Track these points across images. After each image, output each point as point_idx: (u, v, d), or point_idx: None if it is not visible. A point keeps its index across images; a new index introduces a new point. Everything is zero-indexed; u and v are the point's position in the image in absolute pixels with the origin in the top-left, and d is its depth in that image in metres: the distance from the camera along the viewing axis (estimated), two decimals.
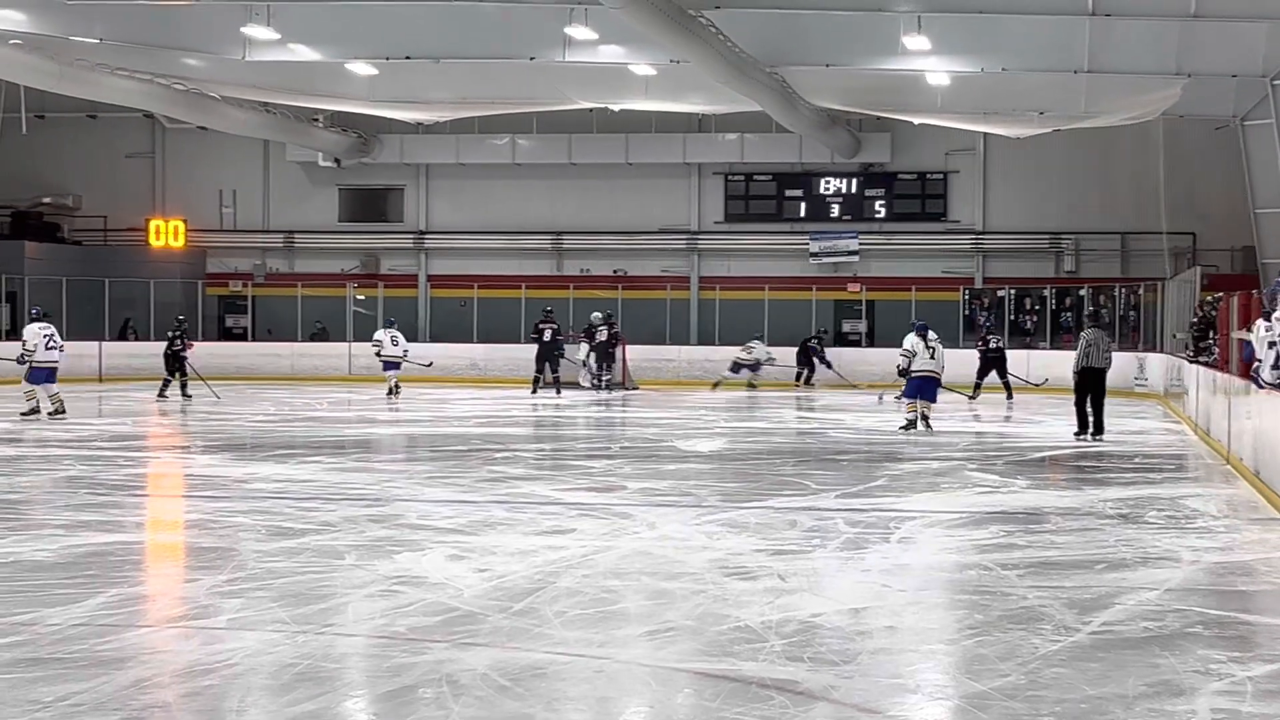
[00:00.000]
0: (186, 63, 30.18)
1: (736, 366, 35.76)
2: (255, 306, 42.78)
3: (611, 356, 34.54)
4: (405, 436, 22.59)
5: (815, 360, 36.63)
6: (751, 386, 35.39)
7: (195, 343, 33.02)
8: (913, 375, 22.44)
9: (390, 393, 31.95)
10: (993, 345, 32.11)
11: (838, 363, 36.28)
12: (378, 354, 32.85)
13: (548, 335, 32.76)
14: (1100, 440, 20.75)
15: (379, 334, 33.38)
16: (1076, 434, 21.18)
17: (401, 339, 33.02)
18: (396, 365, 32.55)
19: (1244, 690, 6.94)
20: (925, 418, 22.43)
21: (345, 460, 18.28)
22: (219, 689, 6.88)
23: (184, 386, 30.53)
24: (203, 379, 30.62)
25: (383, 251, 43.07)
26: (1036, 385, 32.72)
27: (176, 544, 12.04)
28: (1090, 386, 21.23)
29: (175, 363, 30.60)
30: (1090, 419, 21.22)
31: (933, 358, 22.36)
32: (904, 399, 23.02)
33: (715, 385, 35.59)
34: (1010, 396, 31.42)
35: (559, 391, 31.95)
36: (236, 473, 16.48)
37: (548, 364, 32.63)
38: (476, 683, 6.93)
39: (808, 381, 36.46)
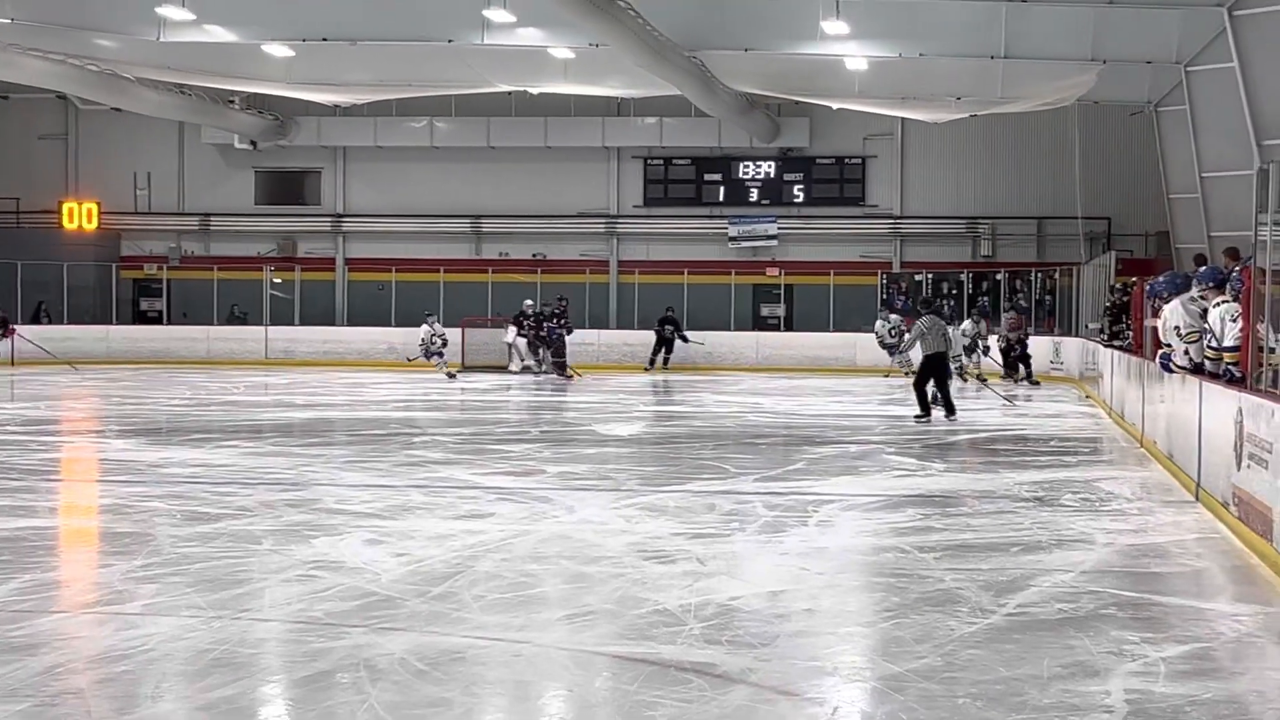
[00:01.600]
0: (100, 43, 29.82)
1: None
2: (170, 290, 42.40)
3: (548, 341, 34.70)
4: (322, 421, 22.47)
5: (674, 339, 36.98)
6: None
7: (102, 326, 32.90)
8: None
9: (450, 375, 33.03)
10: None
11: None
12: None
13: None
14: (954, 420, 20.91)
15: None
16: (918, 417, 21.24)
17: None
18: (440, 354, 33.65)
19: (1157, 671, 7.01)
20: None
21: (262, 445, 18.15)
22: (134, 675, 6.82)
23: None
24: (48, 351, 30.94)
25: (300, 234, 42.78)
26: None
27: (91, 529, 11.93)
28: (932, 371, 21.42)
29: None
30: (936, 402, 21.41)
31: (892, 335, 25.96)
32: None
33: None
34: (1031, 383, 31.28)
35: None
36: (152, 457, 16.35)
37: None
38: (394, 667, 6.90)
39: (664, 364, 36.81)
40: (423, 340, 33.44)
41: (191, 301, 41.79)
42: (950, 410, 21.35)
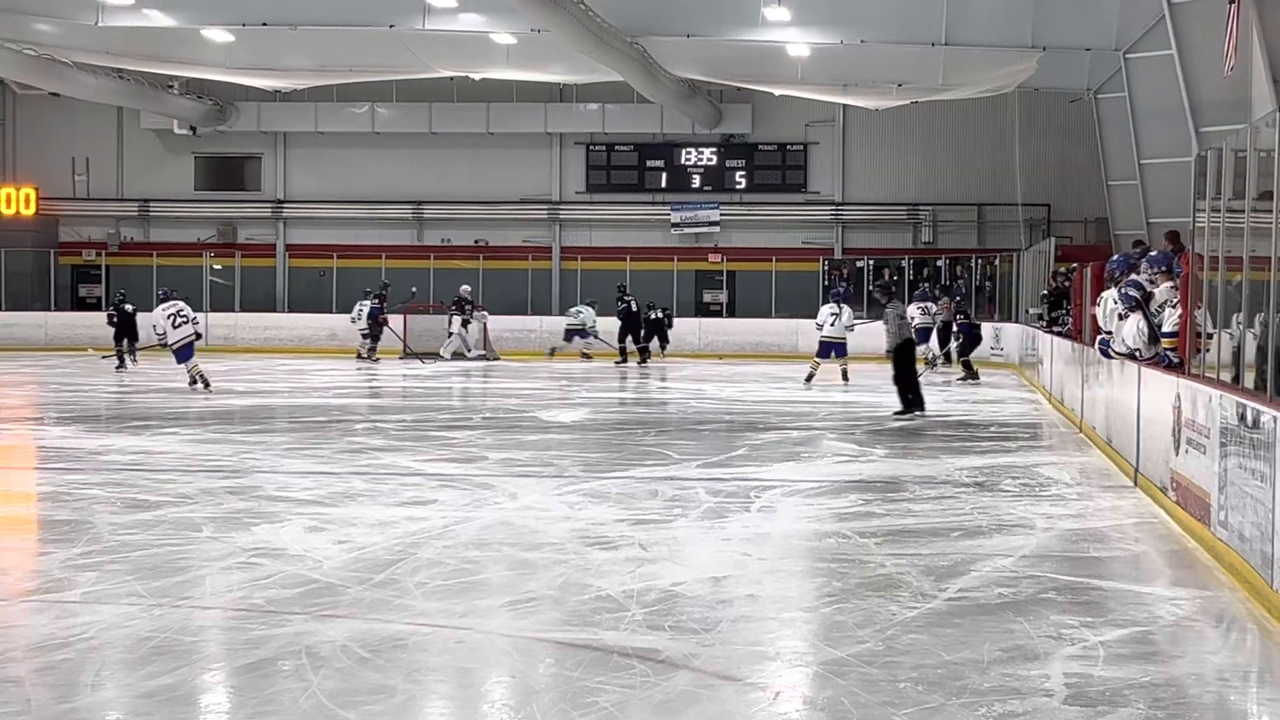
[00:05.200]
0: (37, 28, 29.57)
1: (569, 334, 35.63)
2: (109, 276, 42.03)
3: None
4: (263, 408, 22.37)
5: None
6: (585, 357, 35.29)
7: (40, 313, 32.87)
8: (824, 340, 26.63)
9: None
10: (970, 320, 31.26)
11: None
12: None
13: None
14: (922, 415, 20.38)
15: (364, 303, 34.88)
16: (901, 414, 20.66)
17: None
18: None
19: (1096, 655, 7.06)
20: (843, 372, 26.72)
21: (202, 432, 18.04)
22: (74, 663, 6.79)
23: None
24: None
25: (240, 221, 42.55)
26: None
27: (29, 517, 11.85)
28: (902, 361, 20.78)
29: None
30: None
31: (832, 325, 26.29)
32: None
33: (551, 352, 35.56)
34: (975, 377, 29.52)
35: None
36: (91, 444, 16.25)
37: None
38: (337, 654, 6.89)
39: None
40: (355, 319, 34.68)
41: (131, 288, 41.40)
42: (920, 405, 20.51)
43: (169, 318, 24.06)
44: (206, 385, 23.59)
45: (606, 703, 6.21)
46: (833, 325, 26.46)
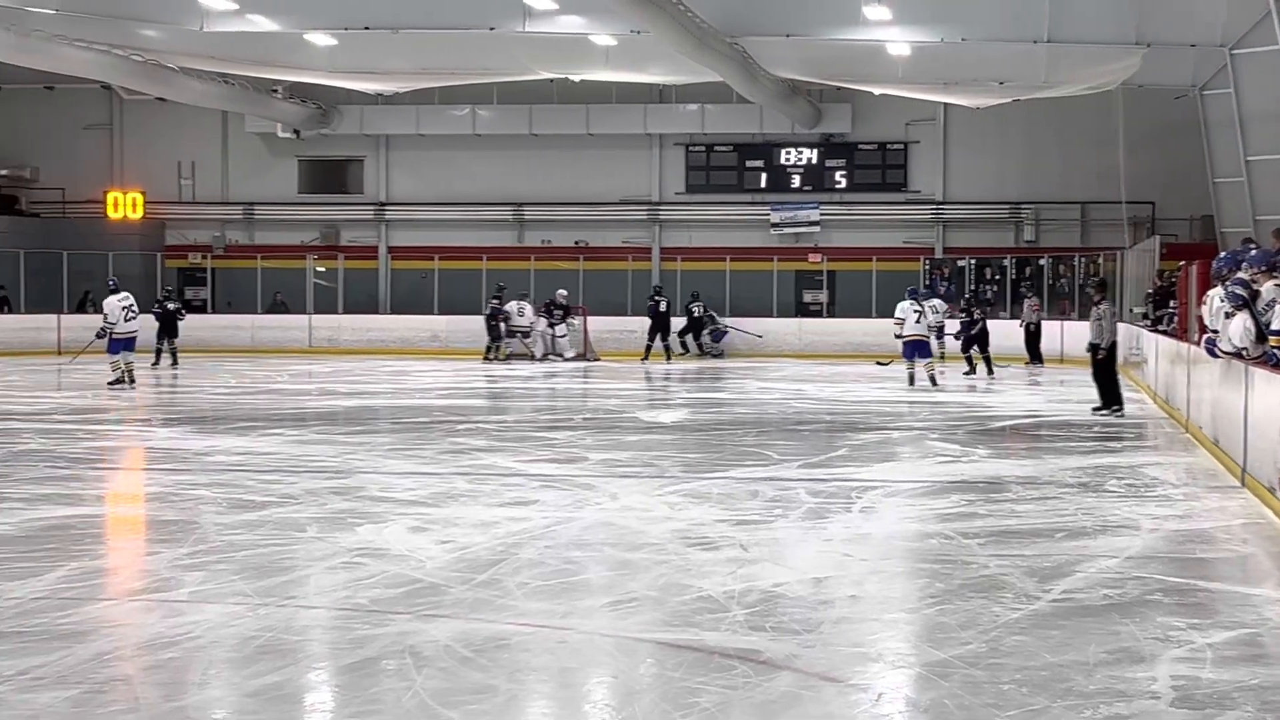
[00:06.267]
0: (144, 33, 29.96)
1: (510, 332, 36.00)
2: (215, 278, 42.56)
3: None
4: (366, 409, 22.53)
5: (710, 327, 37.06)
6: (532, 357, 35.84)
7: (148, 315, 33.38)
8: (904, 340, 25.55)
9: (532, 358, 34.53)
10: (976, 316, 31.37)
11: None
12: (505, 322, 34.80)
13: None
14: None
15: (510, 305, 35.08)
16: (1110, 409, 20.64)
17: (529, 309, 35.24)
18: (527, 334, 34.97)
19: (1203, 657, 6.99)
20: (931, 377, 25.43)
21: (306, 433, 18.22)
22: (181, 662, 6.86)
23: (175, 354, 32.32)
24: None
25: (343, 223, 42.88)
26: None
27: (137, 517, 12.00)
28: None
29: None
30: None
31: (917, 322, 25.28)
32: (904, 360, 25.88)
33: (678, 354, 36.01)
34: (991, 372, 29.66)
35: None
36: (197, 445, 16.42)
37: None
38: (439, 654, 6.93)
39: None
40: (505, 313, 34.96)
41: (236, 290, 41.98)
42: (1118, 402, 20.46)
43: (124, 309, 24.50)
44: (132, 383, 24.21)
45: (708, 703, 6.21)
46: (917, 324, 25.41)
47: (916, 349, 25.59)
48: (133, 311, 24.81)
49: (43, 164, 42.82)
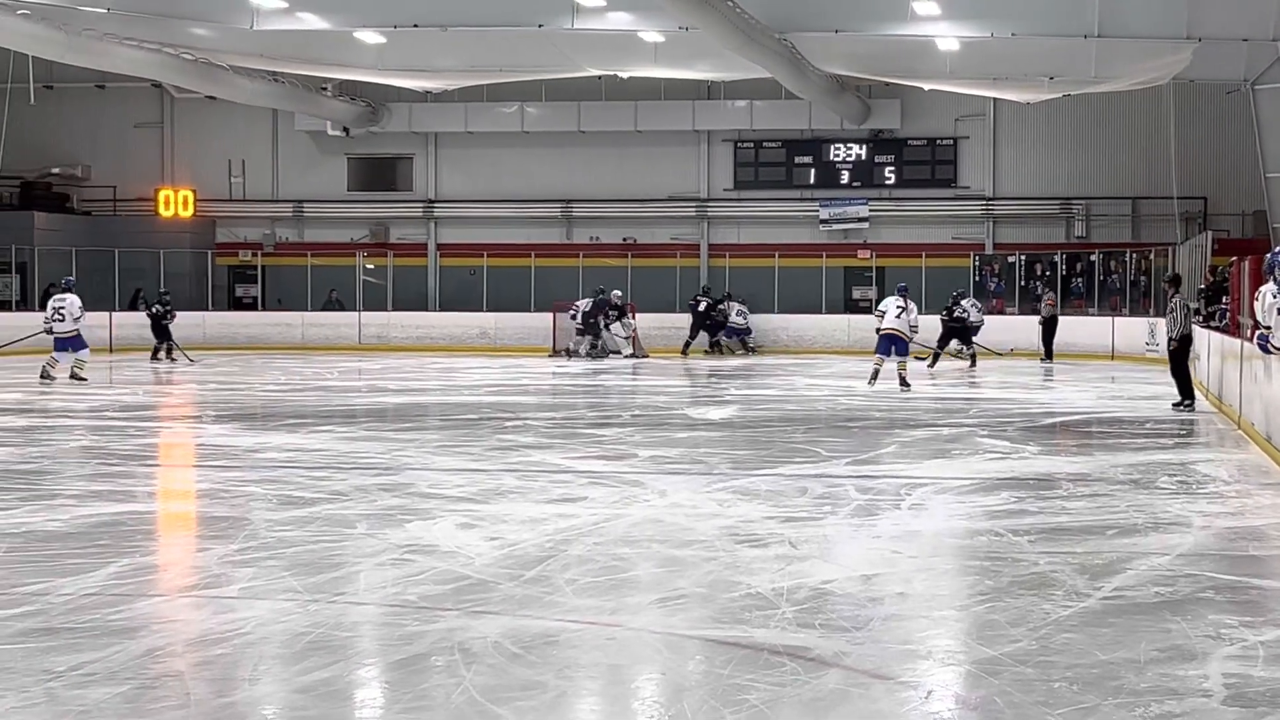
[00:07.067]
0: (194, 32, 30.15)
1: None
2: (265, 276, 42.80)
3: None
4: (415, 406, 22.58)
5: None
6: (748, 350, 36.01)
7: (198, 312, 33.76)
8: (881, 333, 24.27)
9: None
10: (955, 314, 31.50)
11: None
12: (573, 316, 35.29)
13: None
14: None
15: (580, 302, 35.56)
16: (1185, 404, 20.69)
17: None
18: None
19: (1256, 655, 6.93)
20: (901, 377, 23.98)
21: (356, 429, 18.29)
22: (231, 658, 6.89)
23: (169, 351, 32.85)
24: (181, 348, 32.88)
25: (392, 220, 43.03)
26: (1001, 354, 33.09)
27: (188, 513, 12.06)
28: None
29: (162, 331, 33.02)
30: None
31: (898, 317, 23.78)
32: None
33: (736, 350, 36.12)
34: (972, 365, 30.79)
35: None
36: (247, 442, 16.50)
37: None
38: (488, 651, 6.93)
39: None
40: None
41: (286, 288, 42.17)
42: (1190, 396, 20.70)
43: (80, 309, 24.97)
44: (52, 380, 24.80)
45: (757, 700, 6.20)
46: (898, 318, 23.95)
47: (893, 343, 24.11)
48: (60, 315, 25.11)
49: (94, 162, 43.13)
